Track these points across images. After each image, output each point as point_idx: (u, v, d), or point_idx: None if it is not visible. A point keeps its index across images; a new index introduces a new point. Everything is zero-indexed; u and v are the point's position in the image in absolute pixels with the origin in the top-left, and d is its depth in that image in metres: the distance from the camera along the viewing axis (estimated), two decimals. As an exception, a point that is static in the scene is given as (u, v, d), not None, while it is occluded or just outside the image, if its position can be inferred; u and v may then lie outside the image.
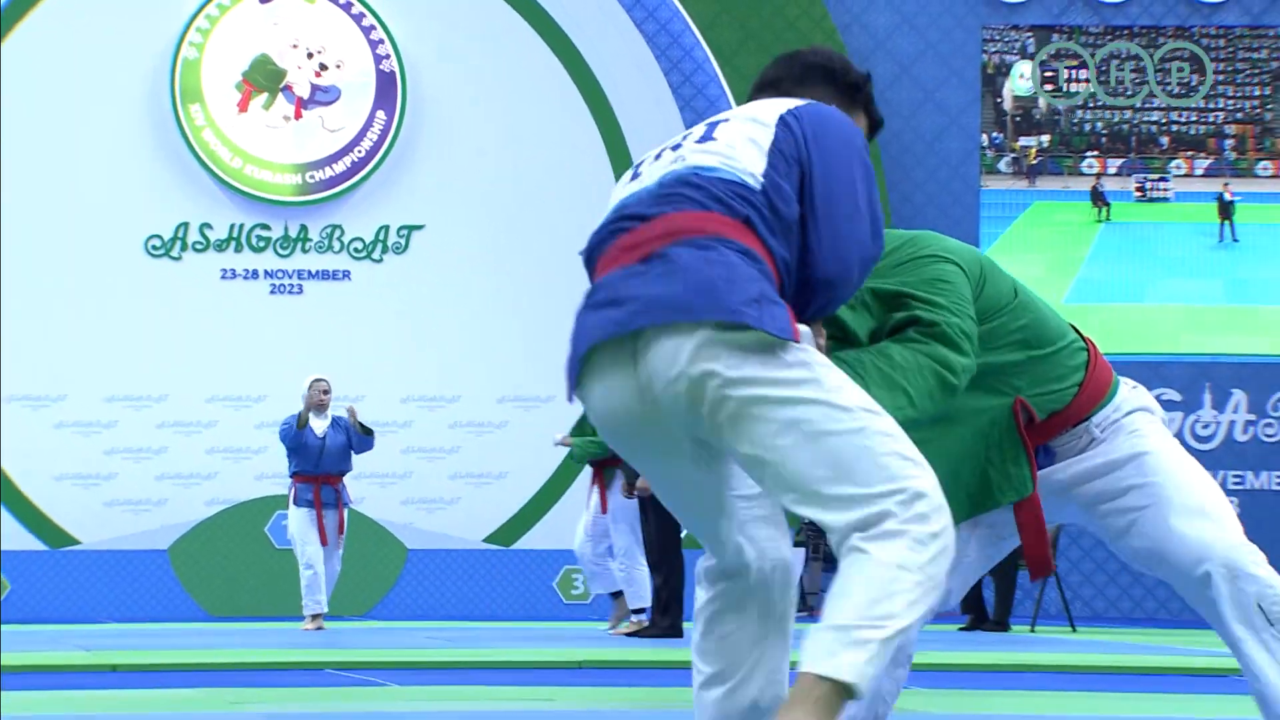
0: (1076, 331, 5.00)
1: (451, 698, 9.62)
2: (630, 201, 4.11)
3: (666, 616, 14.92)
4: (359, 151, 20.67)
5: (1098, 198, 21.71)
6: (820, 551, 20.41)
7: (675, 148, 4.18)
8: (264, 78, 20.57)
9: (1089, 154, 21.72)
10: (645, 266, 3.93)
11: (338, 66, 20.58)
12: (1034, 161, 21.70)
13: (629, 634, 15.15)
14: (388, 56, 20.69)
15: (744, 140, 4.12)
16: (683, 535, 15.39)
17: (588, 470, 15.71)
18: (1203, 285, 21.81)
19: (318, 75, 20.60)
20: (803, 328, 3.97)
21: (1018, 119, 21.70)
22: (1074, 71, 21.69)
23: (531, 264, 20.46)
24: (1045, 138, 21.70)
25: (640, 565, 15.12)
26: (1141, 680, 11.31)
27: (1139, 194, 21.75)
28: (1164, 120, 21.75)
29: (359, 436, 16.29)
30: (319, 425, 16.13)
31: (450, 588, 19.24)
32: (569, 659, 12.51)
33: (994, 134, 21.66)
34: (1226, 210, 21.71)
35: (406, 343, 20.22)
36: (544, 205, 20.58)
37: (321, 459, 16.02)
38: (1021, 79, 21.64)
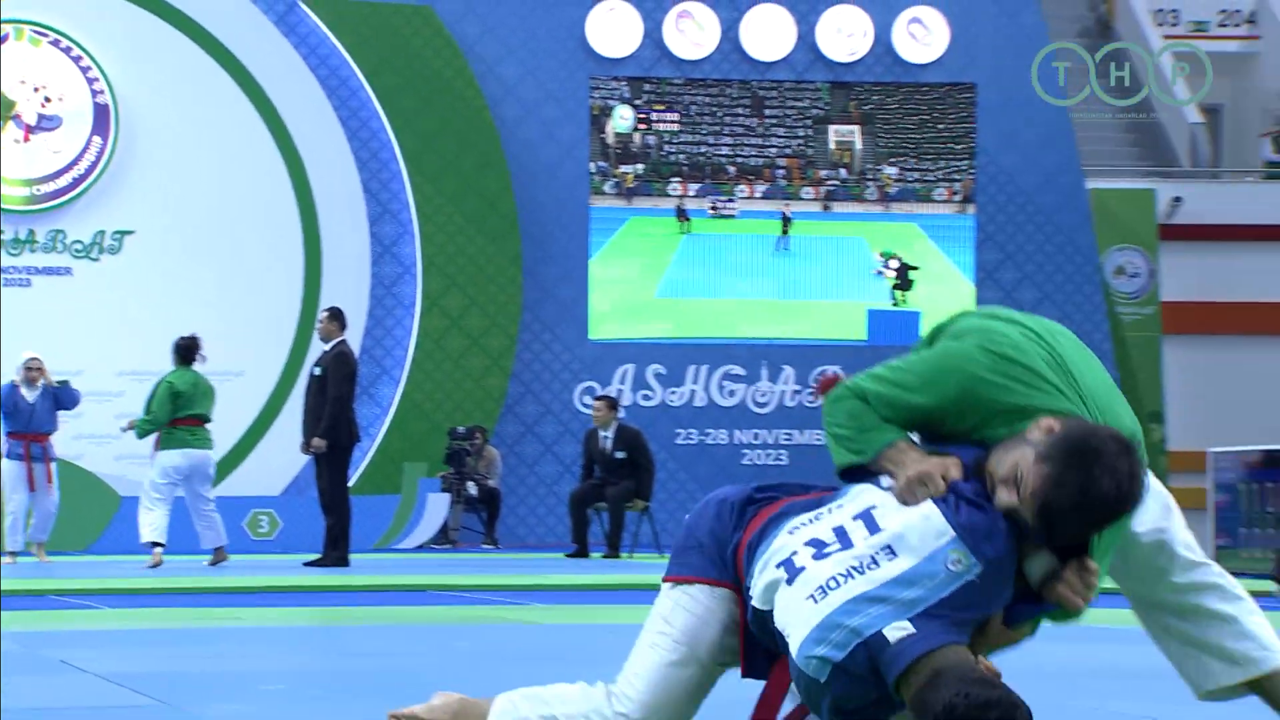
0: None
1: (157, 618, 9.13)
2: None
3: (337, 549, 14.39)
4: (79, 169, 19.91)
5: (681, 214, 21.59)
6: (462, 496, 19.75)
7: None
8: (-2, 109, 19.88)
9: (674, 179, 21.58)
10: None
11: (60, 99, 19.82)
12: (631, 185, 21.52)
13: (307, 564, 14.47)
14: (102, 91, 19.92)
15: None
16: (350, 486, 14.81)
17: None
18: (762, 284, 21.75)
19: (43, 106, 19.82)
20: None
21: (618, 151, 21.50)
22: (662, 114, 21.52)
23: (221, 262, 19.92)
24: (640, 166, 21.55)
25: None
26: None
27: (712, 211, 21.64)
28: (731, 154, 21.66)
29: (68, 392, 15.66)
30: (30, 394, 15.42)
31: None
32: (255, 585, 11.99)
33: (600, 162, 21.45)
34: (786, 225, 21.68)
35: (119, 326, 19.45)
36: (232, 213, 20.03)
37: (31, 420, 15.35)
38: (621, 119, 21.46)
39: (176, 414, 14.00)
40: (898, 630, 3.40)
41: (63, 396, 15.58)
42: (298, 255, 20.18)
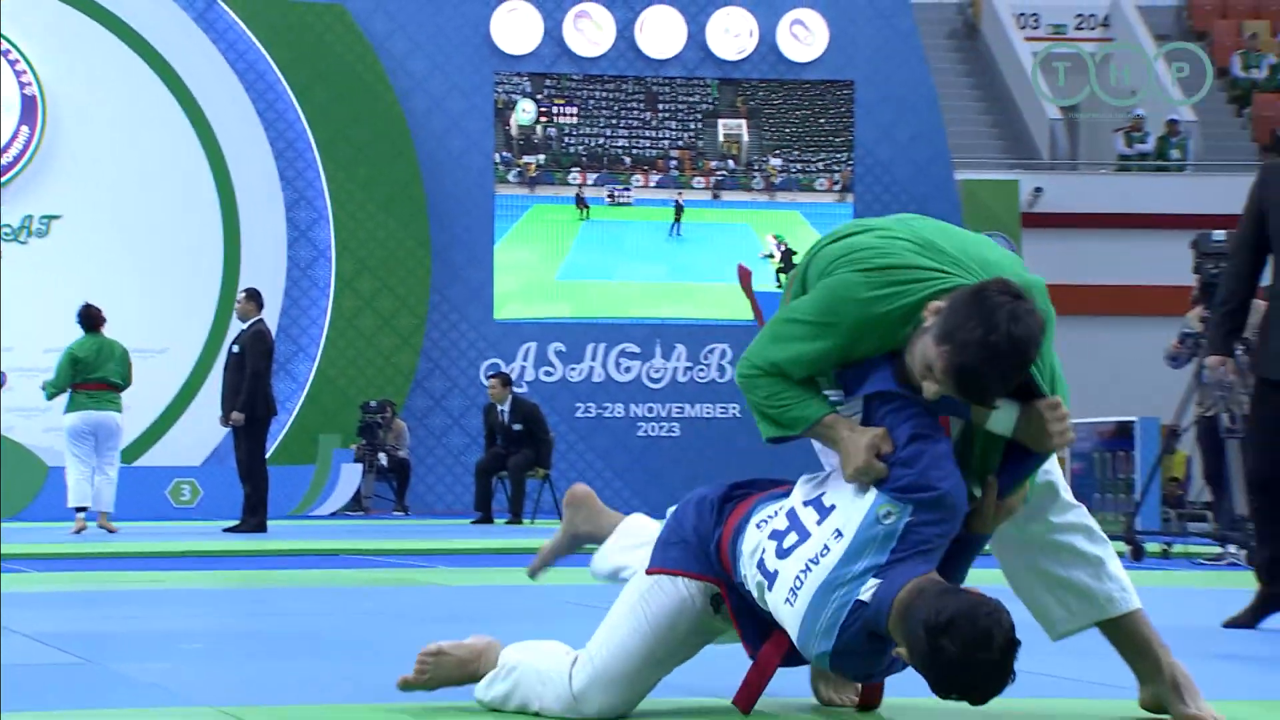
0: None
1: (83, 581, 8.98)
2: None
3: (255, 516, 14.23)
4: (7, 156, 19.56)
5: (580, 202, 21.48)
6: (374, 466, 19.66)
7: None
8: (-75, 101, 19.49)
9: (573, 169, 21.46)
10: None
11: None
12: (533, 174, 21.37)
13: (226, 530, 14.31)
14: (30, 84, 19.59)
15: None
16: (267, 456, 14.70)
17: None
18: (656, 267, 21.69)
19: None
20: None
21: (521, 142, 21.36)
22: (562, 107, 21.38)
23: (144, 245, 19.68)
24: (541, 156, 21.41)
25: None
26: None
27: (610, 200, 21.55)
28: (627, 145, 21.57)
29: None
30: None
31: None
32: (177, 549, 11.85)
33: (504, 153, 21.29)
34: (679, 213, 21.64)
35: (48, 305, 18.98)
36: (155, 199, 19.77)
37: None
38: (524, 112, 21.32)
39: (78, 379, 13.74)
40: (869, 589, 3.39)
41: None
42: (217, 239, 20.00)
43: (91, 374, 13.81)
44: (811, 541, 3.47)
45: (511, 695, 3.77)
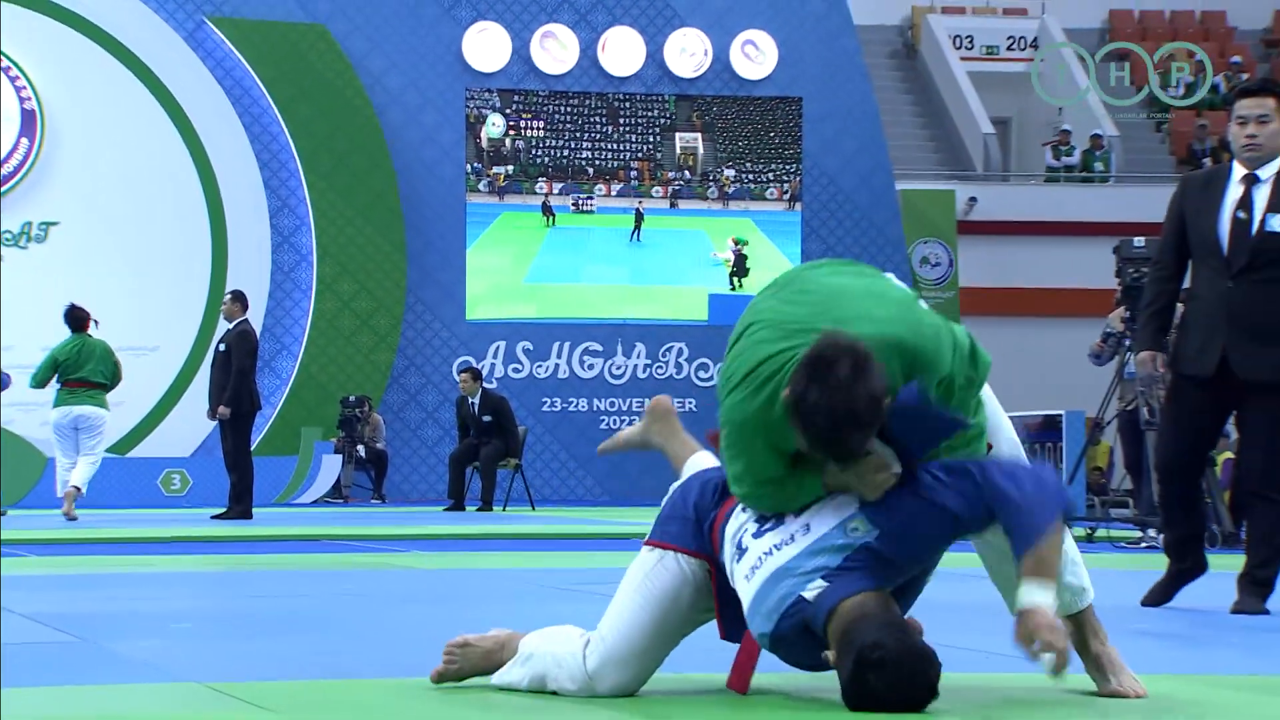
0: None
1: (78, 565, 8.92)
2: None
3: (240, 504, 14.16)
4: (8, 167, 19.46)
5: (547, 210, 21.44)
6: (353, 457, 19.62)
7: None
8: (-69, 114, 19.33)
9: (540, 179, 21.42)
10: None
11: None
12: (502, 184, 21.33)
13: (214, 517, 14.22)
14: (29, 98, 19.48)
15: None
16: (252, 448, 14.59)
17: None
18: (617, 271, 21.67)
19: None
20: None
21: (491, 154, 21.31)
22: (529, 121, 21.34)
23: (137, 250, 19.59)
24: (510, 167, 21.37)
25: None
26: (582, 543, 10.96)
27: (574, 208, 21.52)
28: (591, 157, 21.52)
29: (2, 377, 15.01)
30: None
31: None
32: (167, 535, 11.75)
33: (475, 163, 21.24)
34: (639, 220, 21.61)
35: (46, 304, 18.69)
36: (147, 207, 19.70)
37: None
38: (493, 126, 21.27)
39: (62, 377, 13.68)
40: (814, 589, 3.35)
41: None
42: (205, 244, 19.91)
43: (73, 373, 13.73)
44: (782, 529, 3.45)
45: (529, 679, 3.70)
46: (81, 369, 13.73)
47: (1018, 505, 3.39)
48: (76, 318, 13.94)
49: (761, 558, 3.44)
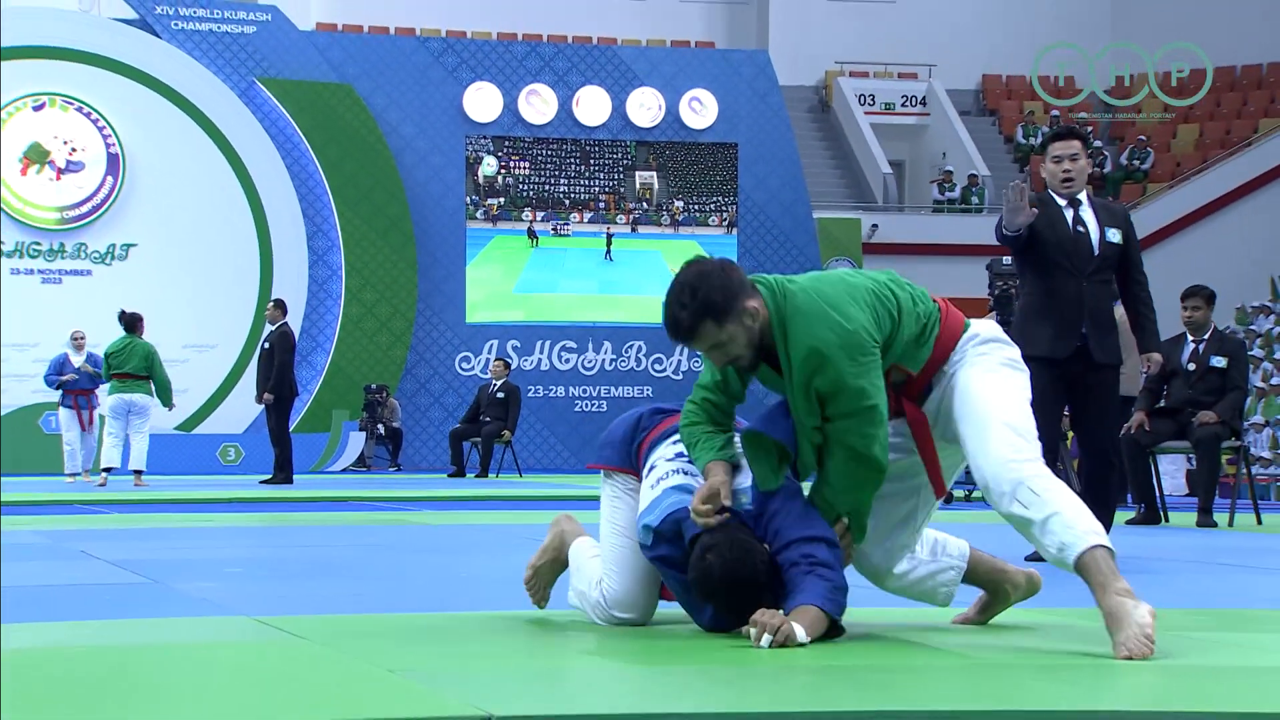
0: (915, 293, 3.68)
1: (151, 521, 8.73)
2: None
3: (283, 472, 14.05)
4: (96, 199, 19.31)
5: (532, 234, 21.34)
6: (374, 434, 19.59)
7: None
8: (36, 156, 19.04)
9: (526, 209, 21.31)
10: None
11: (83, 150, 19.15)
12: (495, 213, 21.20)
13: (262, 482, 14.12)
14: (114, 144, 19.33)
15: None
16: (291, 427, 14.45)
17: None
18: (590, 283, 21.56)
19: (70, 155, 19.14)
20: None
21: (486, 188, 21.21)
22: (517, 162, 21.24)
23: (199, 266, 19.48)
24: (501, 199, 21.24)
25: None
26: (560, 503, 10.82)
27: (554, 232, 21.40)
28: (567, 191, 21.44)
29: (92, 357, 14.82)
30: (77, 359, 14.75)
31: (158, 457, 17.37)
32: (224, 497, 11.73)
33: (473, 196, 21.12)
34: (609, 242, 21.53)
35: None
36: (208, 232, 19.57)
37: (79, 378, 14.62)
38: (488, 166, 21.14)
39: (114, 370, 13.58)
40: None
41: (91, 358, 14.83)
42: (255, 261, 19.82)
43: (121, 367, 13.64)
44: (693, 467, 3.50)
45: (577, 597, 3.69)
46: (126, 364, 13.63)
47: (827, 564, 3.31)
48: (125, 320, 13.86)
49: (668, 473, 3.47)
